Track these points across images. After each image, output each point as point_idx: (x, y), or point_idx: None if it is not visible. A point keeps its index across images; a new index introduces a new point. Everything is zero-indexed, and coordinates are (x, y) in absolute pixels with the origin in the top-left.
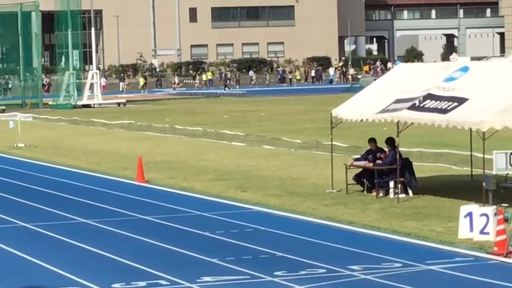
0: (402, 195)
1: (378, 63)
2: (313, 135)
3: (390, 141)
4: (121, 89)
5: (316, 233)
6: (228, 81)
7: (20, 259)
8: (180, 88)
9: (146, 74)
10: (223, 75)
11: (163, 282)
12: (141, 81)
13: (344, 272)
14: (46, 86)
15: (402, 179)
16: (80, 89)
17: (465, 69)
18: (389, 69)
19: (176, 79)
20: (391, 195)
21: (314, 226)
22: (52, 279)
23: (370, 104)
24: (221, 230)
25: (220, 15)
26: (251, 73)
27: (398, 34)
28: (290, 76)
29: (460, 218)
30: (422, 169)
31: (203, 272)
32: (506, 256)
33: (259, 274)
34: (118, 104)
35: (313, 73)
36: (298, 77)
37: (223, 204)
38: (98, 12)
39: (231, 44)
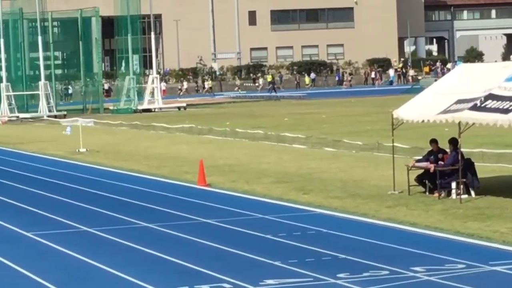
0: (465, 196)
1: (438, 63)
2: (374, 136)
3: (453, 142)
4: (180, 93)
5: (378, 234)
6: (274, 85)
7: (84, 263)
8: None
9: (206, 77)
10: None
11: (226, 286)
12: (208, 83)
13: (407, 273)
14: (106, 91)
15: (464, 180)
16: (140, 93)
17: None
18: (449, 69)
19: (238, 82)
20: (453, 196)
21: (376, 228)
22: (115, 283)
23: (431, 105)
24: (283, 232)
25: (280, 17)
26: (312, 75)
27: (458, 34)
28: (350, 78)
29: None
30: (484, 170)
31: (266, 275)
32: None
33: (322, 277)
34: (179, 108)
35: (373, 75)
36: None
37: (285, 207)
38: (158, 17)
39: (291, 47)
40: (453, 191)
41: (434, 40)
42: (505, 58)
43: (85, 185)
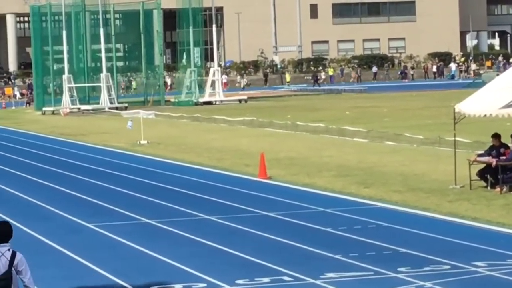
0: None
1: (500, 58)
2: (435, 130)
3: None
4: (242, 86)
5: (440, 229)
6: (318, 78)
7: (145, 255)
8: (298, 85)
9: (267, 70)
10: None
11: (287, 278)
12: (288, 77)
13: (468, 268)
14: (168, 85)
15: None
16: (201, 86)
17: None
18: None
19: (288, 77)
20: None
21: (437, 222)
22: (176, 275)
23: (494, 99)
24: (344, 226)
25: (341, 11)
26: (374, 69)
27: None
28: (412, 72)
29: None
30: None
31: (326, 268)
32: None
33: (383, 270)
34: (239, 100)
35: (434, 69)
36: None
37: (346, 200)
38: (219, 9)
39: (352, 40)
40: None
41: (496, 34)
42: None
43: (146, 177)
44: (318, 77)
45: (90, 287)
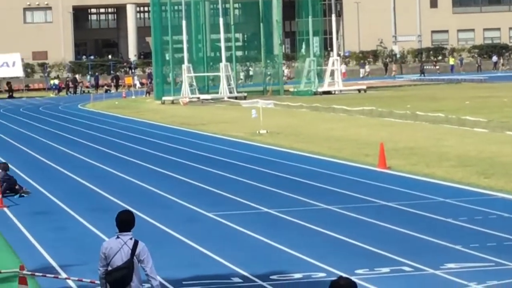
0: None
1: None
2: None
3: None
4: (361, 75)
5: None
6: (423, 67)
7: (264, 244)
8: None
9: (387, 60)
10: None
11: (407, 269)
12: (395, 67)
13: None
14: (284, 75)
15: None
16: (320, 75)
17: None
18: None
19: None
20: None
21: None
22: (295, 264)
23: None
24: (464, 216)
25: (461, 0)
26: (494, 58)
27: None
28: None
29: None
30: None
31: (446, 258)
32: None
33: (504, 261)
34: (359, 90)
35: None
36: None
37: (465, 191)
38: None
39: (472, 30)
40: None
41: None
42: None
43: (266, 166)
44: (423, 68)
45: (209, 276)
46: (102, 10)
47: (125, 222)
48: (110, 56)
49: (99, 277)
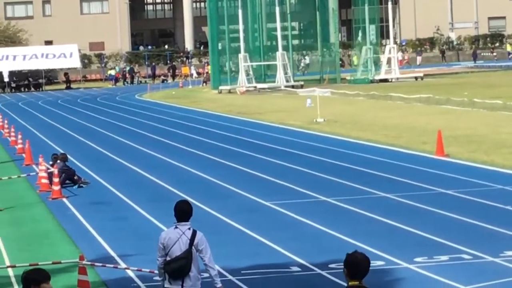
0: None
1: None
2: None
3: None
4: (418, 63)
5: None
6: (476, 53)
7: (323, 233)
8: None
9: (444, 47)
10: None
11: (466, 256)
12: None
13: None
14: (342, 62)
15: None
16: (377, 63)
17: None
18: None
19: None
20: None
21: None
22: None
23: None
24: None
25: None
26: None
27: None
28: None
29: None
30: None
31: (506, 246)
32: None
33: None
34: (416, 78)
35: None
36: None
37: None
38: None
39: None
40: None
41: None
42: None
43: (323, 155)
44: (476, 55)
45: (268, 264)
46: (158, 0)
47: (183, 212)
48: (166, 46)
49: (158, 267)
